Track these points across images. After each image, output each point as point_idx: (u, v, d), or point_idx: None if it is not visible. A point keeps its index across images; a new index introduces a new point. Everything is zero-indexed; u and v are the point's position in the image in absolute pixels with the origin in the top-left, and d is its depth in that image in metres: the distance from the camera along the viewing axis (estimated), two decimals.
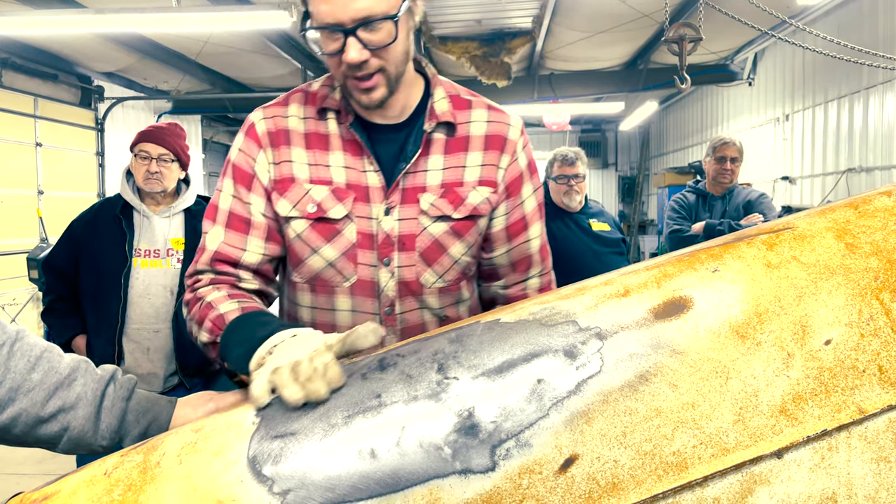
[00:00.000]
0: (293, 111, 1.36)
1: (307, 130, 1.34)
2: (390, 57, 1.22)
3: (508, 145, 1.37)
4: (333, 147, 1.33)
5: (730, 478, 0.73)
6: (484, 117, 1.37)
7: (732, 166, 4.02)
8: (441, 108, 1.34)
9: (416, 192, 1.32)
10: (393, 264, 1.31)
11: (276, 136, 1.33)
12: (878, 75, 5.93)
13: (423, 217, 1.31)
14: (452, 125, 1.34)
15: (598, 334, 0.80)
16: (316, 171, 1.32)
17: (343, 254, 1.31)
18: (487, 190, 1.35)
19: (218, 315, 1.21)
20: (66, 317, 2.65)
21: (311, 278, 1.33)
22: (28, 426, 1.04)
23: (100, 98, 9.27)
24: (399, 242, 1.31)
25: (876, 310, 0.79)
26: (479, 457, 0.73)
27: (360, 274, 1.31)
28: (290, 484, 0.74)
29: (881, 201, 0.90)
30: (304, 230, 1.31)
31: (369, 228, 1.31)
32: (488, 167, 1.35)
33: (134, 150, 2.63)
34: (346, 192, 1.30)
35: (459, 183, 1.33)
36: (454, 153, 1.34)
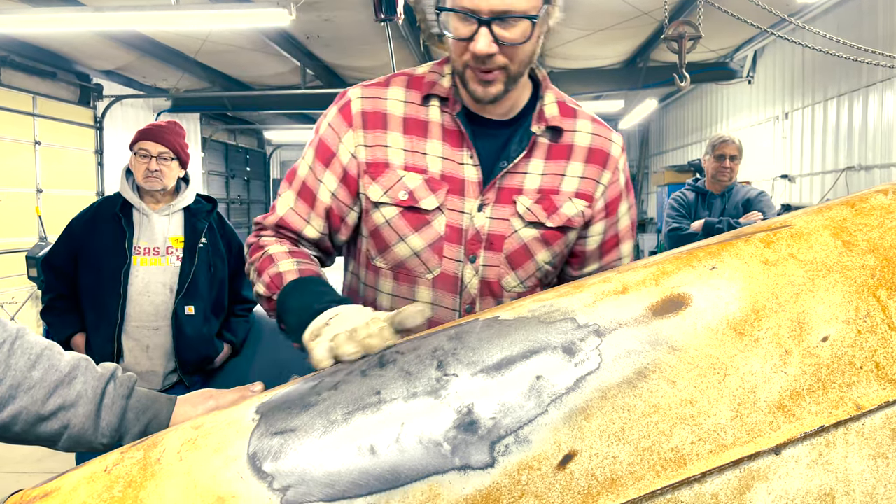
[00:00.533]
0: (393, 93, 1.33)
1: (406, 115, 1.31)
2: (517, 56, 1.21)
3: (610, 162, 1.36)
4: (432, 135, 1.30)
5: (728, 474, 0.73)
6: (588, 129, 1.36)
7: (731, 164, 4.02)
8: (551, 112, 1.32)
9: (512, 192, 1.30)
10: (478, 262, 1.30)
11: (371, 118, 1.31)
12: (878, 73, 5.93)
13: (516, 219, 1.29)
14: (559, 130, 1.33)
15: (597, 331, 0.80)
16: (411, 157, 1.29)
17: (429, 245, 1.29)
18: (583, 203, 1.33)
19: (277, 273, 1.23)
20: (65, 315, 2.65)
21: (395, 266, 1.32)
22: (28, 424, 1.04)
23: (99, 96, 9.27)
24: (487, 241, 1.30)
25: (873, 307, 0.80)
26: (478, 453, 0.73)
27: (444, 267, 1.30)
28: (290, 480, 0.74)
29: (878, 199, 0.90)
30: (394, 217, 1.29)
31: (459, 223, 1.29)
32: (587, 180, 1.34)
33: (134, 149, 2.63)
34: (440, 182, 1.28)
35: (556, 191, 1.32)
36: (555, 160, 1.32)
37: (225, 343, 2.77)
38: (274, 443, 0.78)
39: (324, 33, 7.75)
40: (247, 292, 2.87)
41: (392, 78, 1.35)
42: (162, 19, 5.66)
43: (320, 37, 7.90)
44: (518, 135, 1.31)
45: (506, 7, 1.14)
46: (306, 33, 7.77)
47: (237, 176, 15.12)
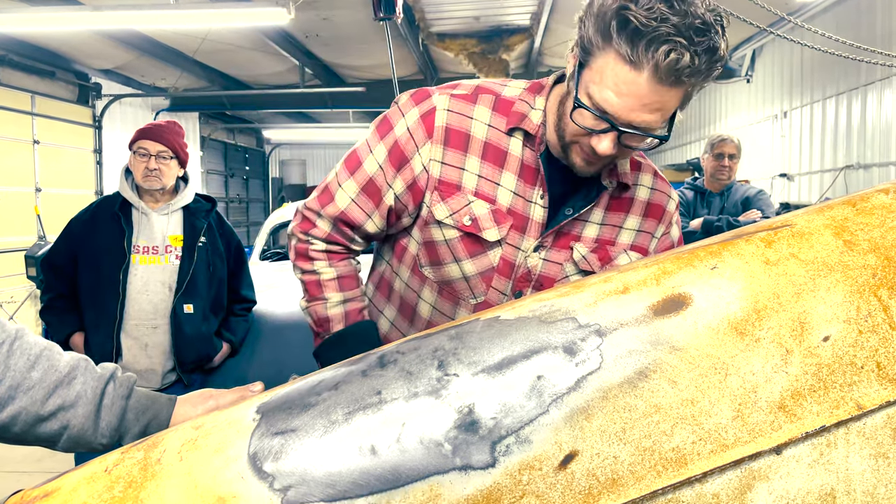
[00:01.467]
0: (479, 114, 1.30)
1: (488, 140, 1.29)
2: (628, 154, 1.25)
3: (666, 217, 1.38)
4: (509, 167, 1.29)
5: (729, 474, 0.73)
6: (649, 183, 1.38)
7: (730, 163, 4.03)
8: (623, 169, 1.33)
9: (570, 239, 1.31)
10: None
11: (454, 136, 1.29)
12: (876, 72, 5.94)
13: (569, 265, 1.31)
14: (626, 187, 1.34)
15: (598, 331, 0.80)
16: (484, 185, 1.29)
17: (480, 273, 1.31)
18: (636, 256, 1.35)
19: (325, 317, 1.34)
20: (64, 314, 2.65)
21: (442, 282, 1.34)
22: (28, 424, 1.04)
23: (97, 95, 9.26)
24: (537, 281, 1.31)
25: (874, 306, 0.80)
26: (479, 453, 0.73)
27: (488, 297, 1.32)
28: (291, 480, 0.74)
29: (879, 199, 0.90)
30: (453, 239, 1.30)
31: (513, 258, 1.31)
32: (644, 234, 1.37)
33: (133, 148, 2.63)
34: (505, 216, 1.29)
35: (612, 242, 1.34)
36: (616, 211, 1.34)
37: (224, 342, 2.77)
38: (275, 443, 0.78)
39: (322, 32, 7.75)
40: (246, 291, 2.87)
41: (480, 94, 1.32)
42: (161, 18, 5.66)
43: (319, 36, 7.90)
44: (587, 184, 1.31)
45: (644, 126, 1.13)
46: (305, 32, 7.77)
47: (236, 175, 15.12)
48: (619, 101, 1.11)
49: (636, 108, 1.11)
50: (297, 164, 16.57)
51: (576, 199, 1.31)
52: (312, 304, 1.36)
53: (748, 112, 9.41)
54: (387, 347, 0.90)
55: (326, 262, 1.36)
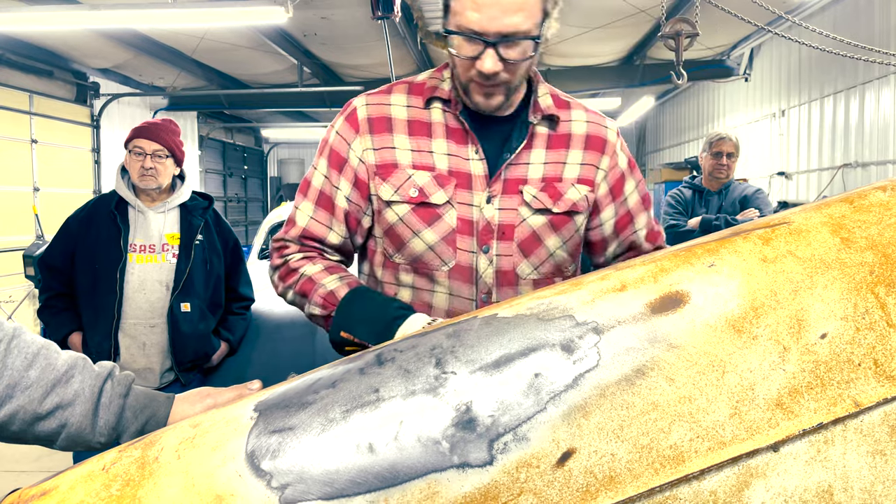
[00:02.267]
0: (396, 100, 1.39)
1: (410, 118, 1.38)
2: (519, 71, 1.27)
3: (608, 147, 1.42)
4: (436, 134, 1.37)
5: (726, 471, 0.73)
6: (583, 117, 1.42)
7: (728, 162, 4.03)
8: (545, 103, 1.39)
9: (517, 183, 1.35)
10: (492, 252, 1.35)
11: (377, 123, 1.38)
12: (874, 71, 5.94)
13: (524, 208, 1.35)
14: (555, 119, 1.39)
15: (595, 329, 0.80)
16: (419, 157, 1.36)
17: (443, 238, 1.35)
18: (585, 188, 1.39)
19: (328, 292, 1.33)
20: (62, 313, 2.65)
21: (412, 260, 1.37)
22: (25, 423, 1.04)
23: (95, 94, 9.25)
24: (498, 231, 1.35)
25: (871, 304, 0.80)
26: (476, 451, 0.73)
27: (458, 259, 1.35)
28: (289, 478, 0.74)
29: (876, 196, 0.90)
30: (406, 214, 1.35)
31: (469, 215, 1.34)
32: (587, 167, 1.40)
33: (128, 147, 2.62)
34: (447, 178, 1.34)
35: (559, 178, 1.37)
36: (556, 149, 1.39)
37: (222, 341, 2.76)
38: (272, 441, 0.78)
39: (321, 31, 7.74)
40: (244, 289, 2.87)
41: (394, 86, 1.42)
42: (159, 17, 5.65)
43: (317, 35, 7.89)
44: (518, 127, 1.37)
45: (512, 29, 1.19)
46: (303, 31, 7.76)
47: (234, 174, 15.11)
48: (480, 14, 1.18)
49: (497, 16, 1.17)
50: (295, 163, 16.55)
51: (510, 144, 1.36)
52: (313, 297, 1.35)
53: (746, 111, 9.41)
54: (384, 345, 0.90)
55: (309, 263, 1.39)
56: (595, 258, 1.51)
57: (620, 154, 1.45)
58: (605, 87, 9.64)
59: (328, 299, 1.32)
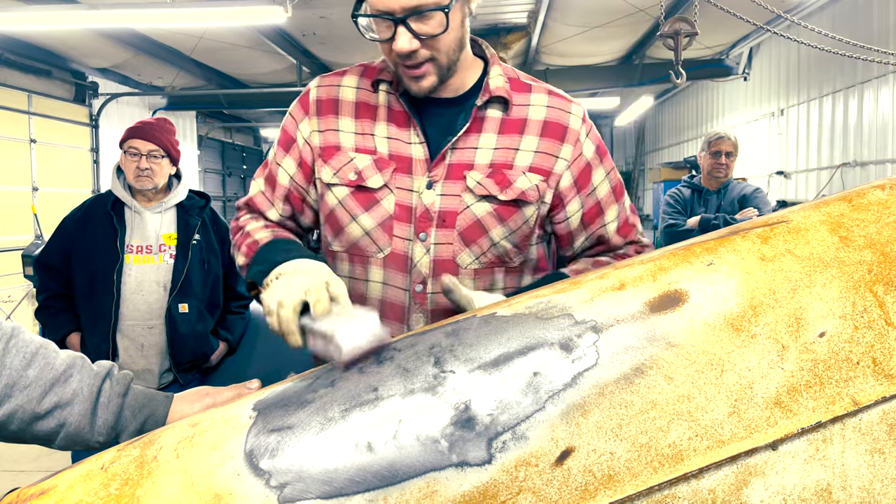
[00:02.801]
0: (348, 81, 1.38)
1: (358, 100, 1.35)
2: (441, 46, 1.21)
3: (570, 135, 1.32)
4: (380, 118, 1.33)
5: (725, 469, 0.73)
6: (544, 102, 1.33)
7: (727, 161, 4.03)
8: (495, 84, 1.31)
9: (462, 168, 1.29)
10: (429, 240, 1.29)
11: (325, 105, 1.36)
12: (873, 70, 5.94)
13: (468, 195, 1.28)
14: (507, 102, 1.31)
15: (594, 327, 0.80)
16: (362, 140, 1.32)
17: (379, 224, 1.30)
18: (537, 178, 1.30)
19: (253, 241, 1.32)
20: (60, 314, 2.64)
21: (349, 247, 1.34)
22: (24, 423, 1.04)
23: (94, 94, 9.23)
24: (438, 218, 1.29)
25: (870, 302, 0.80)
26: (475, 449, 0.73)
27: (394, 246, 1.30)
28: (288, 477, 0.74)
29: (875, 195, 0.90)
30: (344, 197, 1.32)
31: (408, 201, 1.29)
32: (543, 155, 1.31)
33: (123, 147, 2.61)
34: (387, 162, 1.30)
35: (509, 165, 1.29)
36: (508, 134, 1.31)
37: (220, 341, 2.76)
38: (271, 440, 0.77)
39: (320, 31, 7.73)
40: (242, 288, 2.86)
41: (351, 68, 1.41)
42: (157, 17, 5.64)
43: (316, 34, 7.89)
44: (465, 110, 1.31)
45: (416, 2, 1.14)
46: (302, 31, 7.76)
47: (234, 174, 15.09)
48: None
49: None
50: None
51: (453, 127, 1.30)
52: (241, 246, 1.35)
53: (745, 110, 9.42)
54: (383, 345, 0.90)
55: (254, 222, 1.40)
56: (563, 251, 1.44)
57: (586, 142, 1.34)
58: (603, 87, 9.64)
59: (251, 248, 1.31)
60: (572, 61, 9.12)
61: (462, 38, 1.26)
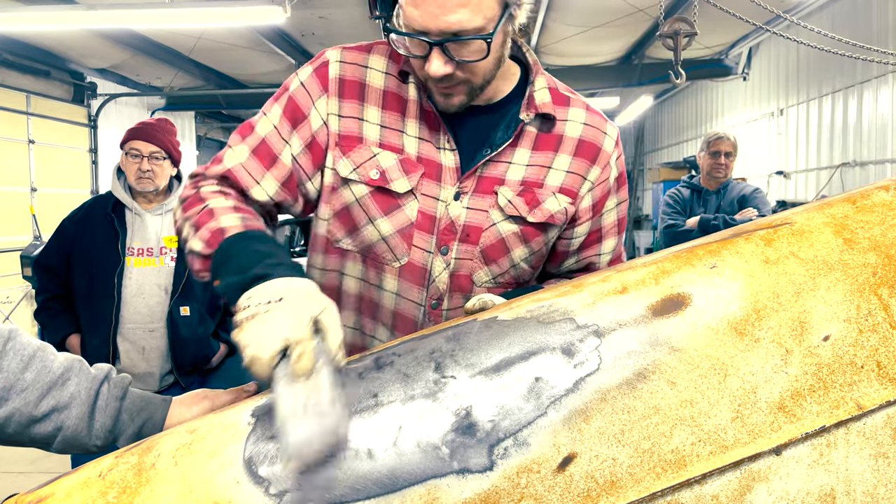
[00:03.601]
0: (375, 62, 1.22)
1: (386, 88, 1.21)
2: (479, 70, 1.12)
3: (601, 157, 1.25)
4: (410, 114, 1.21)
5: (728, 475, 0.73)
6: (581, 118, 1.25)
7: (727, 161, 4.02)
8: (542, 99, 1.22)
9: (493, 182, 1.20)
10: (451, 255, 1.21)
11: (349, 87, 1.21)
12: (872, 70, 5.94)
13: (496, 211, 1.20)
14: (551, 119, 1.23)
15: (596, 332, 0.79)
16: (388, 134, 1.20)
17: (398, 231, 1.20)
18: (566, 200, 1.23)
19: (218, 228, 1.07)
20: (59, 316, 2.63)
21: (363, 249, 1.23)
22: (21, 426, 1.03)
23: (92, 95, 9.23)
24: (462, 232, 1.20)
25: (874, 305, 0.79)
26: (476, 456, 0.72)
27: (412, 257, 1.21)
28: (287, 485, 0.73)
29: (879, 196, 0.90)
30: (363, 196, 1.20)
31: (433, 210, 1.20)
32: (573, 175, 1.24)
33: (124, 148, 2.60)
34: (415, 165, 1.19)
35: (540, 184, 1.22)
36: (542, 150, 1.23)
37: (221, 343, 2.75)
38: (270, 447, 0.77)
39: (319, 31, 7.73)
40: None
41: (376, 45, 1.25)
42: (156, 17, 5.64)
43: (315, 34, 7.88)
44: (505, 121, 1.22)
45: (456, 27, 1.04)
46: (301, 31, 7.75)
47: None
48: (419, 10, 1.04)
49: (437, 13, 1.03)
50: None
51: (493, 139, 1.21)
52: (202, 230, 1.09)
53: (744, 110, 9.41)
54: (383, 349, 0.90)
55: (221, 197, 1.15)
56: (548, 266, 1.34)
57: (613, 167, 1.28)
58: (603, 87, 9.64)
59: (215, 236, 1.06)
60: (572, 61, 9.11)
61: (502, 56, 1.15)
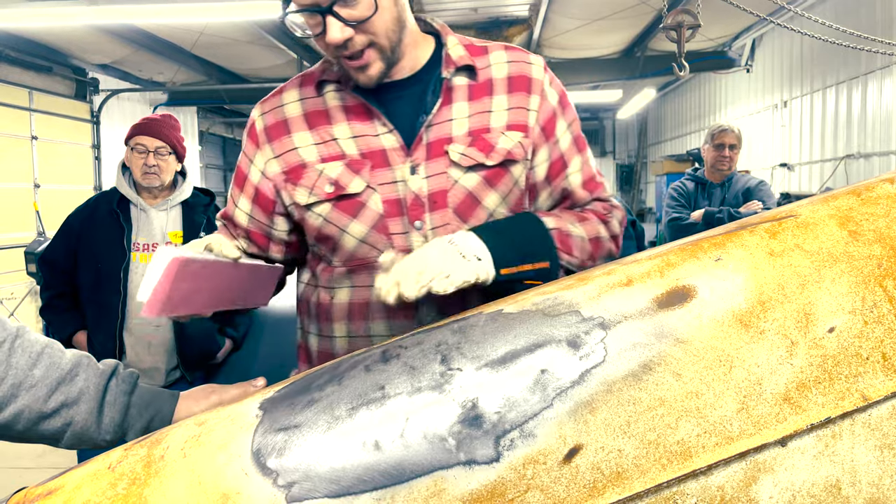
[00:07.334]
0: (288, 97, 1.31)
1: (306, 111, 1.28)
2: (377, 29, 1.15)
3: (535, 85, 1.28)
4: (337, 119, 1.26)
5: (734, 466, 0.73)
6: (503, 58, 1.29)
7: (731, 153, 4.01)
8: (457, 53, 1.26)
9: (442, 143, 1.23)
10: (425, 227, 1.23)
11: (274, 129, 1.29)
12: (877, 61, 5.92)
13: (454, 169, 1.22)
14: (473, 69, 1.27)
15: (602, 324, 0.80)
16: (325, 148, 1.25)
17: (372, 227, 1.23)
18: (518, 134, 1.26)
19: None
20: (65, 313, 2.64)
21: (347, 260, 1.27)
22: (31, 422, 1.04)
23: (95, 90, 9.23)
24: (430, 201, 1.22)
25: (879, 297, 0.79)
26: (483, 448, 0.73)
27: (395, 244, 1.23)
28: (295, 476, 0.74)
29: (884, 188, 0.90)
30: (328, 212, 1.25)
31: (395, 194, 1.23)
32: (516, 110, 1.27)
33: (129, 144, 2.60)
34: (361, 161, 1.23)
35: (487, 129, 1.24)
36: (478, 98, 1.26)
37: (227, 338, 2.76)
38: (278, 439, 0.77)
39: None
40: None
41: (285, 85, 1.34)
42: (157, 12, 5.64)
43: None
44: (431, 85, 1.25)
45: None
46: None
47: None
48: None
49: None
50: None
51: (425, 104, 1.24)
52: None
53: (748, 102, 9.39)
54: (390, 342, 0.90)
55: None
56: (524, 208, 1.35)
57: (550, 90, 1.30)
58: (606, 80, 9.61)
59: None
60: (574, 54, 9.09)
61: (400, 16, 1.19)
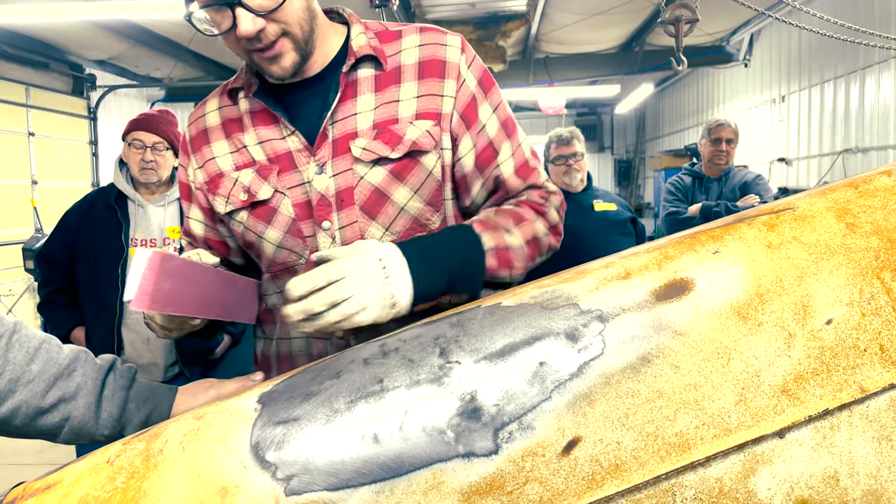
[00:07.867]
0: (210, 106, 1.31)
1: (223, 119, 1.28)
2: (289, 18, 1.10)
3: (449, 69, 1.20)
4: (247, 126, 1.25)
5: (732, 458, 0.73)
6: (415, 42, 1.22)
7: (728, 148, 4.01)
8: (358, 44, 1.20)
9: (347, 139, 1.18)
10: (333, 227, 1.19)
11: (197, 139, 1.30)
12: (875, 55, 5.92)
13: (359, 165, 1.17)
14: (376, 59, 1.20)
15: (600, 317, 0.80)
16: (237, 156, 1.25)
17: (286, 232, 1.22)
18: (428, 123, 1.19)
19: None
20: (63, 309, 2.64)
21: (270, 266, 1.27)
22: (29, 417, 1.04)
23: (92, 86, 9.21)
24: (337, 200, 1.19)
25: (877, 289, 0.79)
26: (481, 440, 0.73)
27: (311, 247, 1.21)
28: (294, 469, 0.74)
29: (881, 181, 0.90)
30: (246, 220, 1.24)
31: (304, 196, 1.20)
32: (427, 98, 1.20)
33: (127, 139, 2.60)
34: (269, 167, 1.21)
35: (394, 120, 1.18)
36: (385, 88, 1.20)
37: (225, 333, 2.76)
38: (276, 432, 0.77)
39: None
40: None
41: (212, 93, 1.34)
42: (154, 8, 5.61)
43: None
44: (335, 80, 1.20)
45: None
46: None
47: None
48: None
49: None
50: None
51: (325, 101, 1.20)
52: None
53: (746, 96, 9.38)
54: (388, 336, 0.90)
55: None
56: (462, 201, 1.29)
57: (468, 74, 1.22)
58: (603, 75, 9.60)
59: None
60: (572, 49, 9.08)
61: (310, 5, 1.15)
